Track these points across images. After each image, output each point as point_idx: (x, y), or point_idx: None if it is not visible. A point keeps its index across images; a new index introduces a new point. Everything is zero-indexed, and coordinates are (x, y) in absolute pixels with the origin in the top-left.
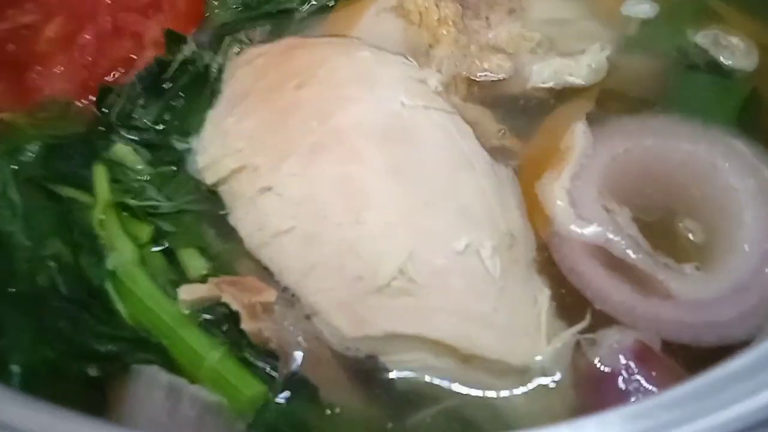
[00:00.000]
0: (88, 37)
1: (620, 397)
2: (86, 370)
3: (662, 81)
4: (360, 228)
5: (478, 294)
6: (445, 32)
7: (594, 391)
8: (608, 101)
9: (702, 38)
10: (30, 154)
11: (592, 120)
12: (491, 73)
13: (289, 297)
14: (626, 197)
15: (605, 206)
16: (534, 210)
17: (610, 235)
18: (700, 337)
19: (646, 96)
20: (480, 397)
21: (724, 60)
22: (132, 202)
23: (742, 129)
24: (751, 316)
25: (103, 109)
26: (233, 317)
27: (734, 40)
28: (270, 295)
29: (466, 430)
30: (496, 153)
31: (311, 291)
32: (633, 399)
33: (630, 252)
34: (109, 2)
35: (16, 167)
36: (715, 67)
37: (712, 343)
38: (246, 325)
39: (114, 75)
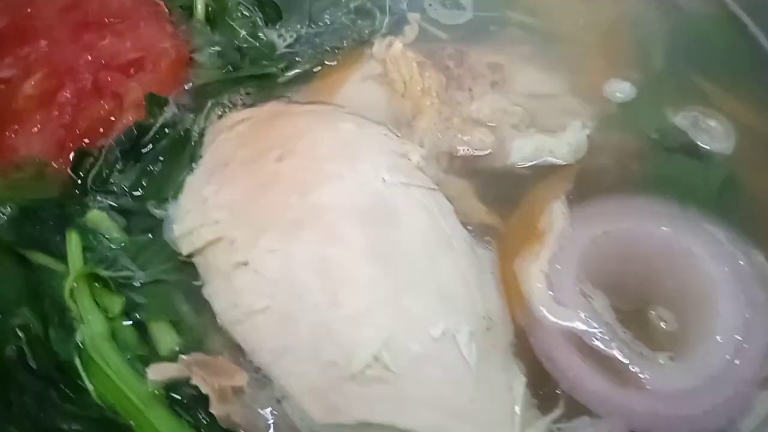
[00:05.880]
0: (68, 95)
1: None
2: None
3: (641, 162)
4: (336, 311)
5: (454, 384)
6: (428, 103)
7: None
8: (587, 180)
9: (681, 119)
10: (2, 216)
11: (571, 199)
12: (473, 147)
13: (261, 378)
14: (603, 282)
15: (582, 291)
16: (512, 290)
17: (586, 324)
18: (673, 430)
19: (625, 176)
20: None
21: (702, 143)
22: (105, 272)
23: (718, 214)
24: (724, 409)
25: (79, 173)
26: (203, 398)
27: (713, 123)
28: (241, 378)
29: None
30: (477, 230)
31: (283, 374)
32: None
33: (605, 341)
34: (90, 59)
35: None
36: (694, 150)
37: None
38: (215, 409)
39: (92, 137)
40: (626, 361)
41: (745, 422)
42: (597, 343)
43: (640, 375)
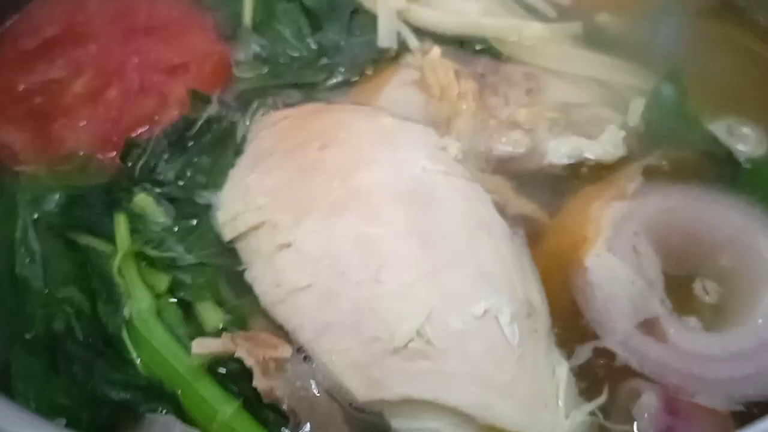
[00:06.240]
0: (114, 93)
1: None
2: (99, 417)
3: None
4: (378, 287)
5: (497, 361)
6: (464, 106)
7: None
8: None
9: (716, 128)
10: (52, 203)
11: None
12: (509, 147)
13: (302, 357)
14: (659, 248)
15: (636, 247)
16: (552, 281)
17: (628, 276)
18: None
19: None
20: None
21: (741, 148)
22: (152, 252)
23: None
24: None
25: (127, 163)
26: (248, 373)
27: (746, 129)
28: (285, 351)
29: None
30: (513, 222)
31: (325, 351)
32: None
33: (643, 297)
34: (137, 62)
35: (38, 215)
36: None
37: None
38: (258, 382)
39: (137, 131)
40: (654, 314)
41: None
42: (635, 296)
43: (665, 329)
